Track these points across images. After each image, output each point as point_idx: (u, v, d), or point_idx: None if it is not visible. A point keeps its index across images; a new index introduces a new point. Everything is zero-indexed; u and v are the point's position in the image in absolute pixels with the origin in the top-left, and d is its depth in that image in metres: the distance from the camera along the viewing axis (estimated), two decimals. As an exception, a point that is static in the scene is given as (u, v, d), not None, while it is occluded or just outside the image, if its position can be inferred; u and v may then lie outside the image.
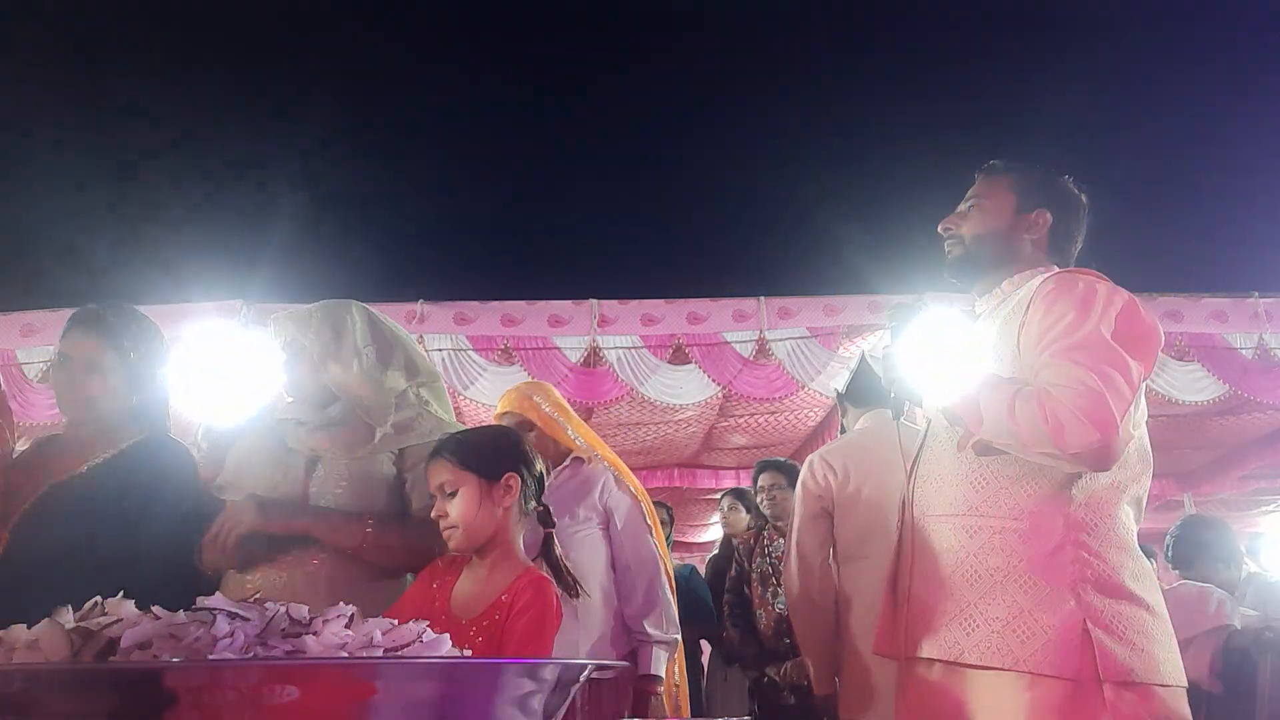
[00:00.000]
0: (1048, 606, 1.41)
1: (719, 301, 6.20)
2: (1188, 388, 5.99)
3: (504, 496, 1.57)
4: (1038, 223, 1.67)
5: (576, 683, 0.90)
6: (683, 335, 6.07)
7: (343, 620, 0.86)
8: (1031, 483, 1.48)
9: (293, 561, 1.70)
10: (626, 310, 6.13)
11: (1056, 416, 1.36)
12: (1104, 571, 1.43)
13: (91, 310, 1.87)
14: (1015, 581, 1.44)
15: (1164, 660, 1.41)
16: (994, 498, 1.50)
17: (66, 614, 0.82)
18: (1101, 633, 1.38)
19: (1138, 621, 1.42)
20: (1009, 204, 1.68)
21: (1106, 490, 1.47)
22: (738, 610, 3.75)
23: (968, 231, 1.68)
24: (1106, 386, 1.37)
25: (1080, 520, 1.45)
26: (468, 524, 1.55)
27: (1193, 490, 8.36)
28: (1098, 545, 1.44)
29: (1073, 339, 1.43)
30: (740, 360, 6.01)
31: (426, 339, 5.88)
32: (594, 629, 2.39)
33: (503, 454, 1.60)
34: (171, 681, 0.69)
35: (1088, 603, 1.40)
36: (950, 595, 1.49)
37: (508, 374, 5.81)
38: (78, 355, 1.83)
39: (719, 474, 8.17)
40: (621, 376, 5.92)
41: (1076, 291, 1.49)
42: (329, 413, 1.81)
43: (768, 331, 6.06)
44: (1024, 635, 1.40)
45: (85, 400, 1.82)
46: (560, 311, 6.10)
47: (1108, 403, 1.35)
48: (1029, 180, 1.69)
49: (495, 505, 1.56)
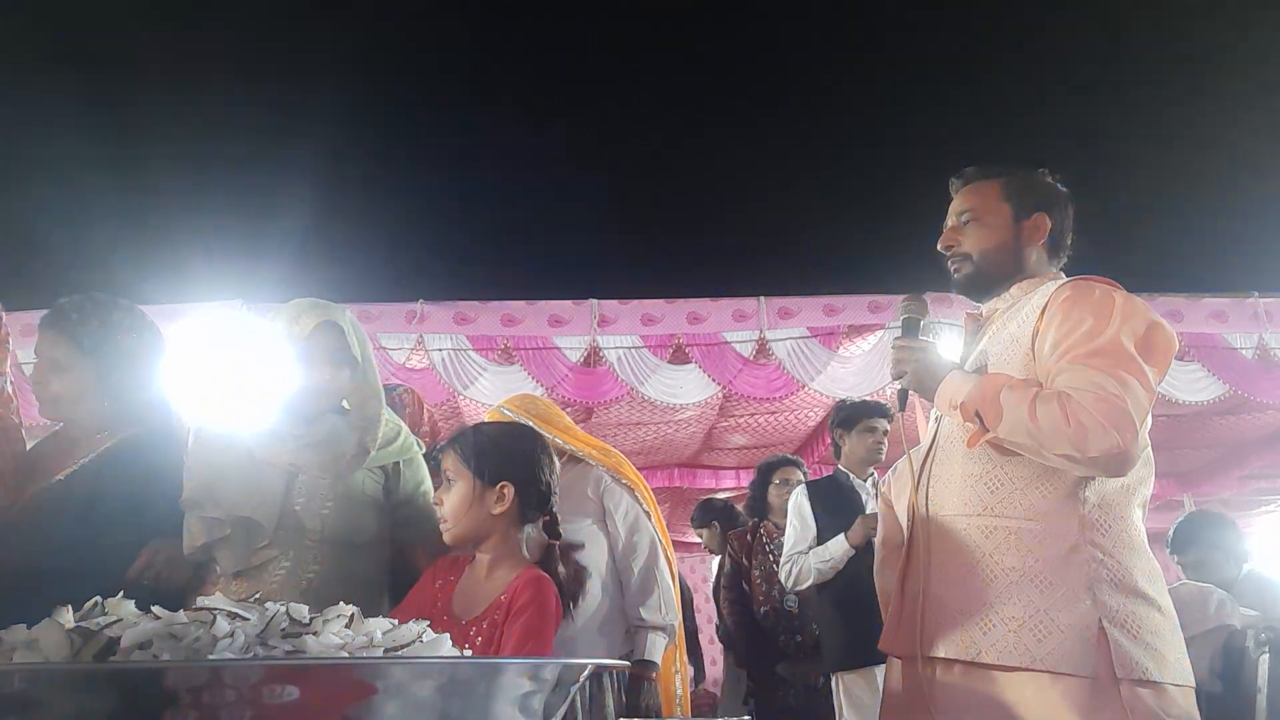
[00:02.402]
0: (1064, 606, 1.42)
1: (719, 301, 6.19)
2: (1188, 388, 5.99)
3: (496, 502, 1.57)
4: (1039, 228, 1.67)
5: (576, 682, 0.90)
6: (683, 335, 6.06)
7: (343, 620, 0.86)
8: (1045, 484, 1.49)
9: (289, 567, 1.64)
10: (626, 310, 6.13)
11: (1079, 420, 1.37)
12: (1117, 571, 1.44)
13: (58, 306, 1.78)
14: (1032, 581, 1.45)
15: (1175, 660, 1.43)
16: (1009, 499, 1.51)
17: (66, 614, 0.82)
18: (1117, 631, 1.40)
19: (1150, 621, 1.43)
20: (1006, 213, 1.67)
21: (1117, 492, 1.49)
22: (738, 607, 3.75)
23: (972, 248, 1.68)
24: (1126, 393, 1.38)
25: (1094, 521, 1.46)
26: (456, 520, 1.57)
27: (1193, 490, 8.36)
28: (1111, 545, 1.46)
29: (1092, 345, 1.44)
30: (740, 360, 6.00)
31: (426, 339, 5.88)
32: (592, 618, 2.39)
33: (504, 460, 1.59)
34: (171, 681, 0.69)
35: (1103, 602, 1.42)
36: (967, 595, 1.50)
37: (508, 374, 5.81)
38: (43, 354, 1.77)
39: (719, 474, 8.17)
40: (621, 376, 5.92)
41: (1094, 299, 1.50)
42: (313, 427, 1.67)
43: (768, 331, 6.05)
44: (1041, 634, 1.41)
45: (52, 400, 1.76)
46: (560, 311, 6.10)
47: (1128, 409, 1.37)
48: (1018, 185, 1.69)
49: (486, 508, 1.56)
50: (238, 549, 1.64)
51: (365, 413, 1.72)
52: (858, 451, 3.40)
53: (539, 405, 2.71)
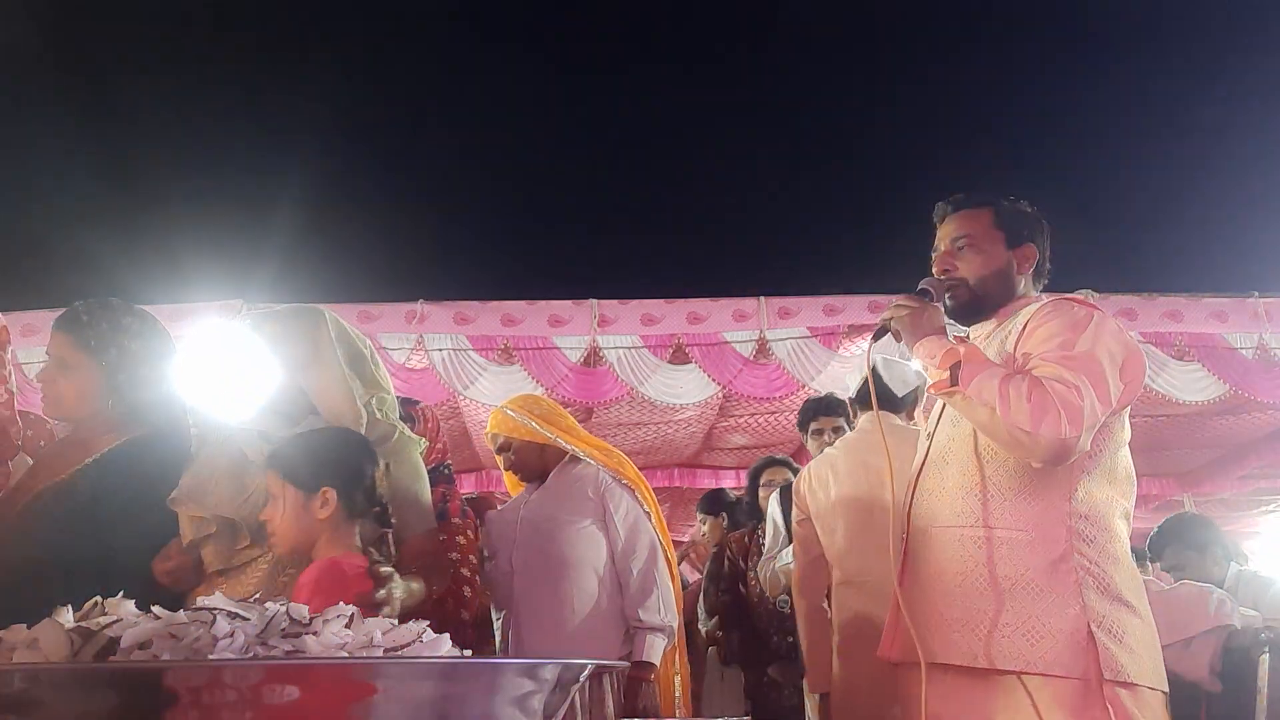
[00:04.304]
0: (1055, 611, 1.49)
1: (719, 301, 6.19)
2: (1188, 388, 5.99)
3: (321, 508, 1.59)
4: (1028, 257, 1.76)
5: (576, 682, 0.90)
6: (683, 335, 6.06)
7: (343, 620, 0.86)
8: (1035, 496, 1.56)
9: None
10: (626, 310, 6.13)
11: (1040, 401, 1.45)
12: (1102, 579, 1.52)
13: (71, 309, 1.81)
14: (1024, 589, 1.52)
15: (1153, 665, 1.51)
16: (1000, 510, 1.57)
17: (66, 614, 0.82)
18: (1104, 635, 1.47)
19: (1133, 627, 1.50)
20: (999, 241, 1.75)
21: (1103, 504, 1.56)
22: (734, 610, 3.75)
23: (969, 274, 1.73)
24: (1086, 393, 1.46)
25: (1080, 531, 1.54)
26: (284, 534, 1.59)
27: (1193, 490, 8.35)
28: (1096, 555, 1.53)
29: (1066, 352, 1.52)
30: (740, 360, 6.00)
31: (426, 339, 5.88)
32: (590, 619, 2.41)
33: (320, 467, 1.61)
34: (171, 681, 0.69)
35: (1091, 607, 1.48)
36: (962, 603, 1.56)
37: (508, 374, 5.81)
38: (53, 355, 1.79)
39: (719, 474, 8.16)
40: (621, 376, 5.91)
41: (1072, 314, 1.58)
42: (298, 429, 1.71)
43: (768, 331, 6.05)
44: (1034, 639, 1.48)
45: (59, 400, 1.78)
46: (560, 311, 6.09)
47: (1083, 406, 1.45)
48: (1008, 214, 1.77)
49: (312, 515, 1.58)
50: (222, 548, 1.67)
51: (341, 417, 1.73)
52: (814, 453, 3.39)
53: (542, 405, 2.71)
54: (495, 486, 6.85)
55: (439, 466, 2.46)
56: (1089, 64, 12.62)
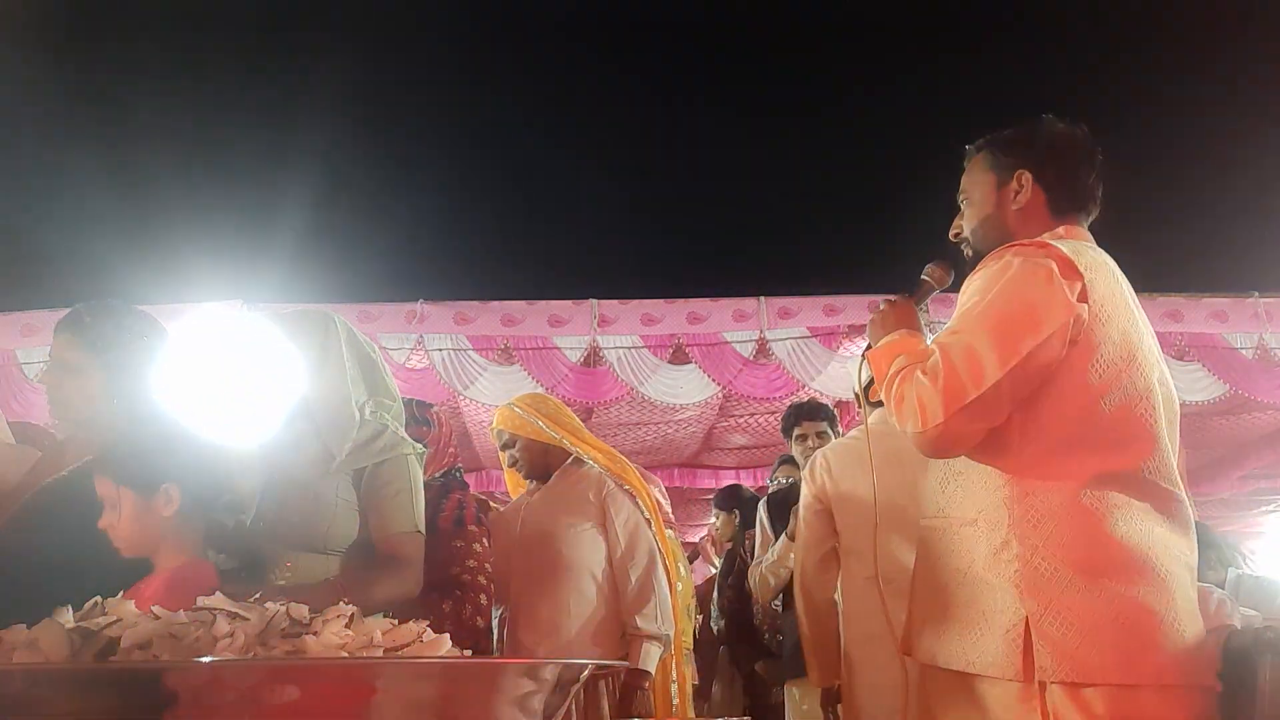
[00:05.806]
0: (995, 606, 1.35)
1: (719, 301, 6.20)
2: (1188, 388, 5.99)
3: (164, 506, 1.56)
4: (1021, 186, 1.55)
5: (576, 682, 0.90)
6: (683, 335, 6.07)
7: (343, 620, 0.86)
8: (982, 479, 1.41)
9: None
10: (626, 310, 6.13)
11: (900, 394, 1.38)
12: (1049, 563, 1.34)
13: (75, 310, 1.82)
14: (972, 582, 1.40)
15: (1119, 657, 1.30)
16: (954, 498, 1.46)
17: (66, 614, 0.82)
18: (1050, 628, 1.31)
19: (1081, 619, 1.31)
20: (990, 184, 1.59)
21: (1062, 475, 1.36)
22: (736, 605, 3.77)
23: (967, 230, 1.63)
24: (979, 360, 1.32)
25: (1021, 514, 1.36)
26: (128, 538, 1.56)
27: (1193, 490, 8.27)
28: (1041, 538, 1.35)
29: (953, 327, 1.41)
30: (740, 360, 6.01)
31: (426, 339, 5.89)
32: (587, 624, 2.41)
33: (157, 464, 1.58)
34: (171, 681, 0.69)
35: (1029, 599, 1.33)
36: (927, 599, 1.49)
37: (508, 374, 5.82)
38: (56, 357, 1.80)
39: (719, 474, 8.16)
40: (621, 376, 5.92)
41: (990, 267, 1.43)
42: (282, 432, 1.70)
43: (768, 331, 6.06)
44: (975, 637, 1.37)
45: (62, 402, 1.79)
46: (560, 311, 6.10)
47: (952, 386, 1.33)
48: (1000, 148, 1.60)
49: (155, 514, 1.56)
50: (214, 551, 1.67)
51: (334, 420, 1.72)
52: (800, 458, 3.36)
53: (549, 405, 2.70)
54: (495, 486, 6.85)
55: (451, 470, 2.44)
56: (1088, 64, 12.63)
